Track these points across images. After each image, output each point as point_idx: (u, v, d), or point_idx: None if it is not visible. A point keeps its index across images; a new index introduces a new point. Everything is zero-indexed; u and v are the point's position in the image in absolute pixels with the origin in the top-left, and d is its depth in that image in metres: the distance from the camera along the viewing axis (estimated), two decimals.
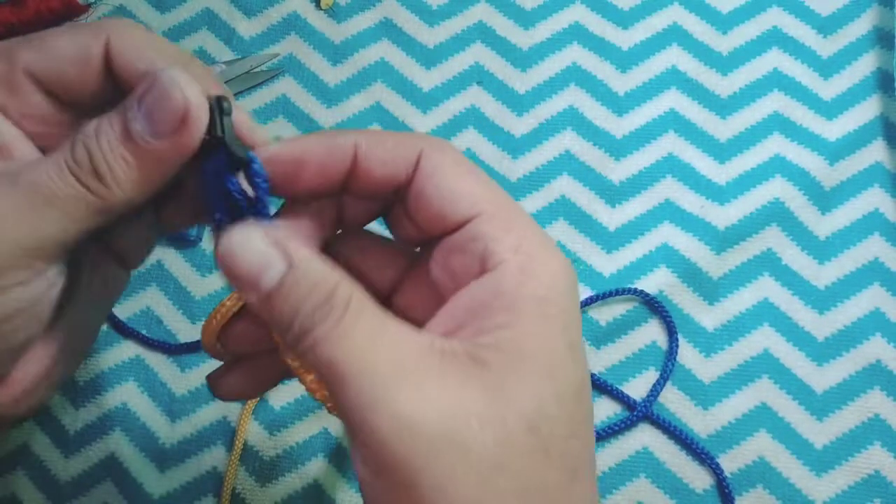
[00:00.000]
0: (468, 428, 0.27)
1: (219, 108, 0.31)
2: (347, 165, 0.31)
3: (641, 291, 0.51)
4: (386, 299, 0.35)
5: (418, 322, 0.31)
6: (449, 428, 0.27)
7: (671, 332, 0.50)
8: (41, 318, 0.33)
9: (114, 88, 0.33)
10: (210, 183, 0.32)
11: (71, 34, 0.33)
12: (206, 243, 0.53)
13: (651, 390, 0.49)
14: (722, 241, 0.52)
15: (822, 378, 0.50)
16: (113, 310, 0.52)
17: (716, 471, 0.48)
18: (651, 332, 0.51)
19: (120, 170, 0.30)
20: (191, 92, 0.30)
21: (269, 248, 0.29)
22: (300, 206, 0.33)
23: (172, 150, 0.30)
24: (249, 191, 0.31)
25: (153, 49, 0.33)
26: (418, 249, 0.35)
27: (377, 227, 0.36)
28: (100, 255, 0.35)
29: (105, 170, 0.30)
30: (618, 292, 0.51)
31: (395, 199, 0.33)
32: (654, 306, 0.51)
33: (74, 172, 0.30)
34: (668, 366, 0.50)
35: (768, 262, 0.52)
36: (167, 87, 0.30)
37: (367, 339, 0.28)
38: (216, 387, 0.36)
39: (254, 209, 0.31)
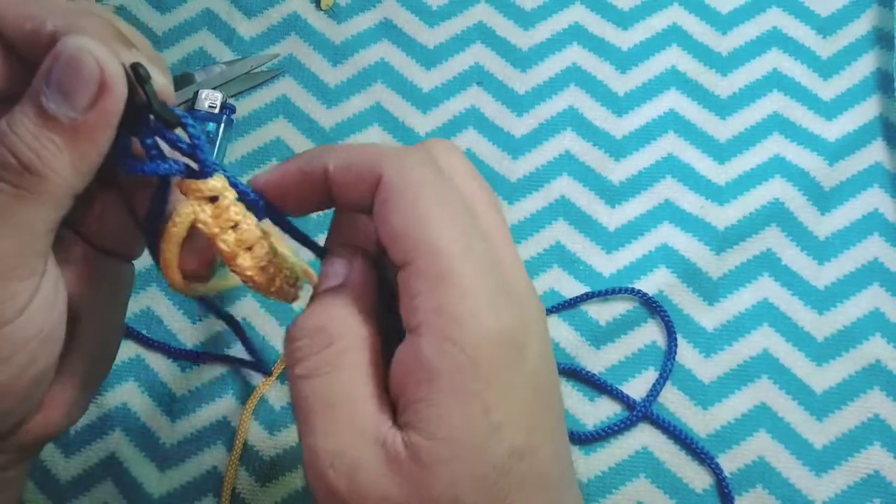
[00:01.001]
0: None
1: (136, 76, 0.29)
2: (322, 186, 0.31)
3: (639, 291, 0.51)
4: None
5: None
6: None
7: (670, 332, 0.50)
8: (56, 337, 0.31)
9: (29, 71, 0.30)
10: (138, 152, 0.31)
11: None
12: None
13: (651, 390, 0.49)
14: (722, 241, 0.52)
15: (822, 378, 0.50)
16: None
17: (715, 471, 0.48)
18: (651, 332, 0.51)
19: (49, 154, 0.28)
20: (100, 54, 0.28)
21: (340, 260, 0.32)
22: (344, 220, 0.34)
23: (98, 119, 0.29)
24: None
25: (37, 5, 0.30)
26: None
27: None
28: (93, 255, 0.34)
29: (33, 160, 0.28)
30: (615, 291, 0.51)
31: None
32: (653, 306, 0.51)
33: (2, 177, 0.28)
34: (668, 366, 0.50)
35: (768, 263, 0.52)
36: (74, 55, 0.28)
37: (330, 398, 0.29)
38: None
39: (201, 156, 0.31)
